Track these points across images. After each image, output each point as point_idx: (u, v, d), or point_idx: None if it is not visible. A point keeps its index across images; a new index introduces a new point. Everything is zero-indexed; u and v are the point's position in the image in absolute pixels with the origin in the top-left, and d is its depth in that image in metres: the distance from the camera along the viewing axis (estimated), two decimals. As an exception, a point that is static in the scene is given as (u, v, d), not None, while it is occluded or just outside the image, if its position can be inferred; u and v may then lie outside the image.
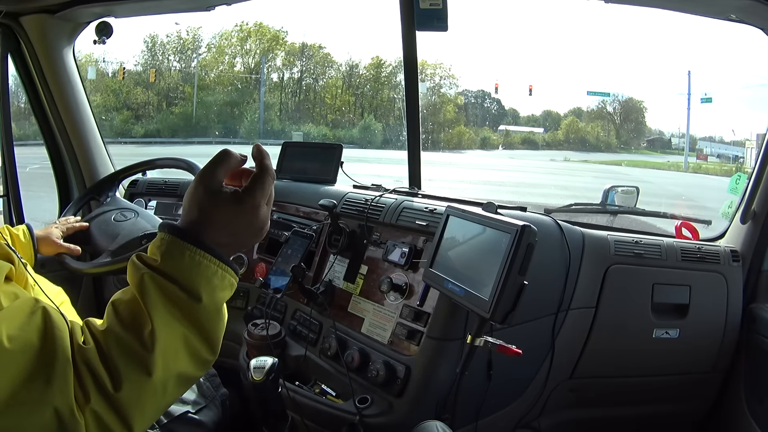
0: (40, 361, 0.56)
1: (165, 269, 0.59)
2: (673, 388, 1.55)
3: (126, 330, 0.59)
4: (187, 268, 0.59)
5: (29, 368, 0.55)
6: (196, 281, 0.59)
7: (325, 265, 1.52)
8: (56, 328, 0.58)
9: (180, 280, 0.59)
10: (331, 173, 1.81)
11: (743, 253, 1.54)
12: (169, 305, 0.59)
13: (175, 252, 0.59)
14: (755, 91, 13.09)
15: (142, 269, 0.60)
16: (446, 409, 1.12)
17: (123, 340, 0.58)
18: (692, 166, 14.62)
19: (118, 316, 0.60)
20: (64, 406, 0.56)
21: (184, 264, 0.59)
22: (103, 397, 0.57)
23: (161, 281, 0.59)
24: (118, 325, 0.59)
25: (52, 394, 0.55)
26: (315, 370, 1.37)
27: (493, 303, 0.98)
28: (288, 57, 17.63)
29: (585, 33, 28.86)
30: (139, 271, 0.60)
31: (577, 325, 1.41)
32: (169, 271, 0.59)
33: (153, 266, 0.60)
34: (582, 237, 1.44)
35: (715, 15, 1.47)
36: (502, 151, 17.25)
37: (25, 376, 0.55)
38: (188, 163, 1.73)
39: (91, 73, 13.40)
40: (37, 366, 0.56)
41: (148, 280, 0.59)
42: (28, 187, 1.93)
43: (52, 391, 0.55)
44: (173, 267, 0.59)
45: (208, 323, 0.61)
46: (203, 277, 0.60)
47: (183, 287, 0.59)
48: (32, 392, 0.55)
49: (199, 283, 0.60)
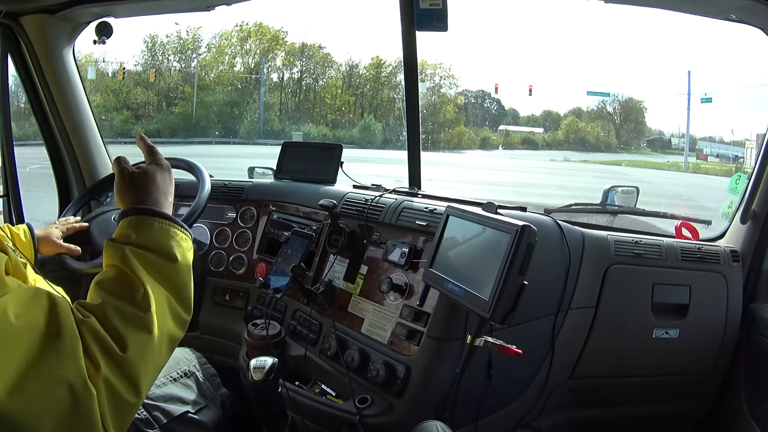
0: (48, 339, 0.60)
1: (141, 242, 0.70)
2: (673, 388, 1.55)
3: (120, 299, 0.67)
4: (158, 236, 0.71)
5: (39, 346, 0.59)
6: (169, 245, 0.71)
7: (325, 265, 1.52)
8: (60, 307, 0.63)
9: (156, 247, 0.70)
10: (331, 173, 1.81)
11: (743, 253, 1.54)
12: (152, 270, 0.69)
13: (145, 226, 0.71)
14: (755, 91, 13.11)
15: (121, 247, 0.70)
16: (446, 409, 1.12)
17: (120, 308, 0.66)
18: (692, 166, 14.63)
19: (108, 290, 0.68)
20: (77, 378, 0.60)
21: (155, 233, 0.71)
22: (113, 361, 0.63)
23: (141, 252, 0.69)
24: (112, 297, 0.67)
25: (64, 368, 0.60)
26: (315, 370, 1.37)
27: (493, 303, 0.98)
28: (288, 57, 17.65)
29: (585, 33, 28.88)
30: (119, 248, 0.70)
31: (577, 325, 1.41)
32: (145, 242, 0.70)
33: (130, 242, 0.70)
34: (582, 237, 1.44)
35: (715, 15, 1.47)
36: (502, 151, 17.26)
37: (36, 353, 0.59)
38: (188, 163, 1.72)
39: (91, 73, 13.41)
40: (46, 343, 0.60)
41: (130, 252, 0.69)
42: (28, 187, 1.93)
43: (64, 365, 0.60)
44: (148, 238, 0.70)
45: (183, 282, 0.71)
46: (174, 241, 0.72)
47: (160, 252, 0.70)
48: (44, 368, 0.59)
49: (172, 246, 0.71)
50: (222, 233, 1.84)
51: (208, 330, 1.78)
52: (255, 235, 1.79)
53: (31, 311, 0.61)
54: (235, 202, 1.85)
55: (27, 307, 0.61)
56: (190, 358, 1.37)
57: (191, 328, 1.79)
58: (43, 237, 1.45)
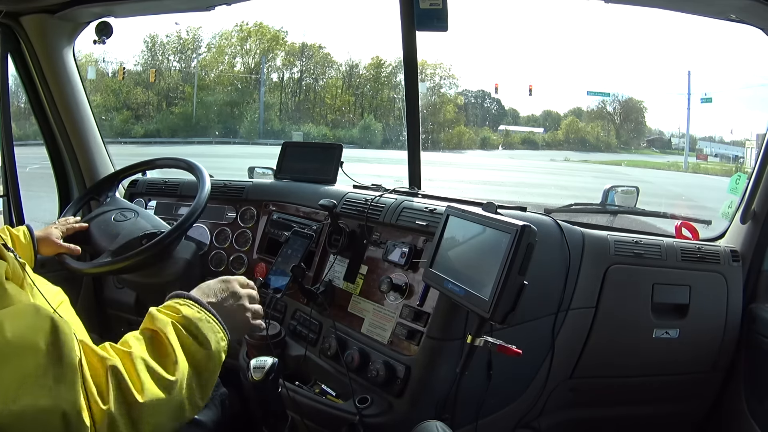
0: (48, 363, 0.61)
1: (186, 322, 0.77)
2: (673, 388, 1.55)
3: (152, 356, 0.72)
4: (202, 324, 0.78)
5: (37, 368, 0.60)
6: (208, 335, 0.78)
7: (325, 265, 1.52)
8: (63, 333, 0.64)
9: (197, 333, 0.77)
10: (331, 173, 1.81)
11: (743, 253, 1.54)
12: (186, 350, 0.75)
13: (194, 312, 0.79)
14: (755, 91, 13.10)
15: (167, 318, 0.77)
16: (446, 409, 1.12)
17: (149, 363, 0.71)
18: (692, 166, 14.63)
19: (143, 345, 0.74)
20: (71, 407, 0.61)
21: (200, 321, 0.78)
22: (125, 402, 0.67)
23: (183, 330, 0.76)
24: (145, 352, 0.73)
25: (59, 396, 0.61)
26: (315, 370, 1.37)
27: (492, 303, 0.98)
28: (288, 57, 17.64)
29: (585, 33, 28.85)
30: (165, 319, 0.77)
31: (577, 325, 1.41)
32: (189, 325, 0.77)
33: (177, 318, 0.77)
34: (582, 237, 1.44)
35: (715, 15, 1.47)
36: (502, 151, 17.25)
37: (33, 374, 0.60)
38: (188, 163, 1.73)
39: (91, 73, 13.41)
40: (45, 367, 0.61)
41: (173, 326, 0.76)
42: (28, 187, 1.93)
43: (59, 393, 0.61)
44: (193, 322, 0.78)
45: (209, 371, 0.77)
46: (212, 334, 0.78)
47: (198, 338, 0.77)
48: (41, 389, 0.60)
49: (209, 337, 0.78)
50: (222, 233, 1.84)
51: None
52: (255, 235, 1.79)
53: (31, 332, 0.62)
54: (235, 202, 1.85)
55: (26, 327, 0.62)
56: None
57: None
58: (42, 237, 1.45)
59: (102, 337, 1.77)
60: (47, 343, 0.62)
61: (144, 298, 1.85)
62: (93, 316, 1.97)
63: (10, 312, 0.62)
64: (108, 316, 1.96)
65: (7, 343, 0.59)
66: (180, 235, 1.55)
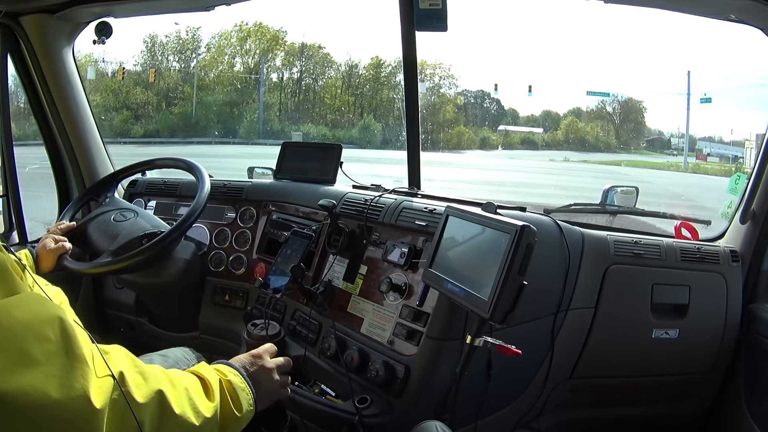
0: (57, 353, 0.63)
1: (229, 386, 0.87)
2: (672, 388, 1.55)
3: (196, 392, 0.81)
4: (240, 390, 0.88)
5: (46, 356, 0.62)
6: (243, 402, 0.87)
7: (325, 265, 1.52)
8: (71, 327, 0.67)
9: (234, 397, 0.86)
10: (331, 173, 1.81)
11: (743, 253, 1.54)
12: (221, 403, 0.84)
13: (239, 382, 0.89)
14: (755, 91, 13.12)
15: (218, 375, 0.87)
16: (446, 409, 1.12)
17: (191, 394, 0.79)
18: (692, 166, 14.64)
19: (193, 381, 0.83)
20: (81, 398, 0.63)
21: (241, 389, 0.88)
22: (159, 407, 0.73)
23: (225, 388, 0.86)
24: (191, 385, 0.81)
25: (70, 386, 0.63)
26: (314, 370, 1.37)
27: (492, 303, 0.98)
28: (287, 57, 17.64)
29: (585, 33, 28.86)
30: (216, 375, 0.87)
31: (576, 325, 1.41)
32: (231, 389, 0.87)
33: (224, 378, 0.88)
34: (581, 237, 1.44)
35: (715, 15, 1.47)
36: (501, 151, 17.26)
37: (42, 361, 0.61)
38: (187, 163, 1.73)
39: (90, 73, 13.40)
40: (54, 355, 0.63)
41: (220, 382, 0.86)
42: (27, 187, 1.93)
43: (70, 383, 0.63)
44: (234, 387, 0.88)
45: (232, 429, 0.85)
46: (246, 403, 0.88)
47: (235, 400, 0.86)
48: (50, 379, 0.61)
49: (243, 404, 0.87)
50: (221, 233, 1.84)
51: (207, 330, 1.78)
52: (254, 235, 1.79)
53: (39, 321, 0.62)
54: (235, 202, 1.85)
55: (34, 316, 0.62)
56: (190, 358, 1.37)
57: (191, 328, 1.80)
58: (39, 254, 1.46)
59: (102, 337, 1.78)
60: (56, 333, 0.63)
61: (144, 298, 1.85)
62: (93, 317, 1.96)
63: (17, 299, 0.62)
64: (108, 317, 1.96)
65: (14, 326, 0.59)
66: (180, 235, 1.55)
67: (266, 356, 0.99)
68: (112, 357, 0.72)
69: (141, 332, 1.88)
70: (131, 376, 0.71)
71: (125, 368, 0.71)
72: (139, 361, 0.76)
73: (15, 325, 0.60)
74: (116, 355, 0.73)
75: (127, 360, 0.74)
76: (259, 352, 1.00)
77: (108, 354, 0.72)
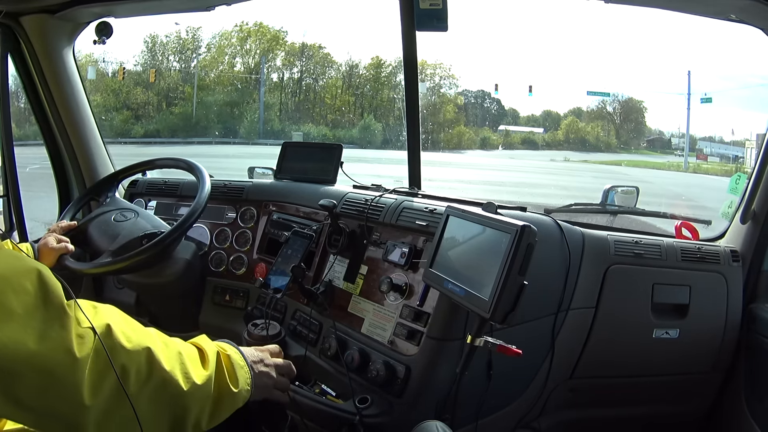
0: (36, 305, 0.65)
1: (227, 360, 0.87)
2: (673, 388, 1.55)
3: (191, 358, 0.81)
4: (238, 367, 0.88)
5: (25, 307, 0.63)
6: (240, 377, 0.87)
7: (325, 265, 1.52)
8: (49, 278, 0.68)
9: (231, 370, 0.86)
10: (331, 173, 1.81)
11: (743, 253, 1.54)
12: (219, 376, 0.83)
13: (238, 359, 0.89)
14: (755, 91, 13.11)
15: (215, 348, 0.87)
16: (446, 409, 1.12)
17: (184, 359, 0.79)
18: (692, 166, 14.63)
19: (189, 347, 0.82)
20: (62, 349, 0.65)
21: (239, 365, 0.88)
22: (147, 360, 0.73)
23: (221, 363, 0.86)
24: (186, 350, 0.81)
25: (50, 337, 0.64)
26: (315, 370, 1.37)
27: (493, 303, 0.98)
28: (288, 57, 17.63)
29: (585, 33, 28.84)
30: (213, 346, 0.87)
31: (577, 325, 1.41)
32: (228, 363, 0.86)
33: (222, 353, 0.87)
34: (582, 237, 1.44)
35: (715, 15, 1.47)
36: (501, 151, 17.25)
37: (20, 314, 0.62)
38: (188, 163, 1.73)
39: (91, 74, 13.39)
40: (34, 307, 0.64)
41: (216, 356, 0.85)
42: (28, 187, 1.93)
43: (50, 334, 0.64)
44: (232, 362, 0.87)
45: (227, 404, 0.84)
46: (243, 380, 0.87)
47: (231, 375, 0.86)
48: (29, 331, 0.62)
49: (239, 379, 0.87)
50: (222, 233, 1.84)
51: (207, 330, 1.77)
52: (255, 235, 1.79)
53: (16, 273, 0.63)
54: (235, 202, 1.85)
55: (11, 268, 0.63)
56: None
57: (191, 328, 1.80)
58: (41, 251, 1.47)
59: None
60: (34, 285, 0.63)
61: (144, 298, 1.85)
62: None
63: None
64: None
65: None
66: (180, 235, 1.55)
67: (267, 353, 1.00)
68: (100, 311, 0.72)
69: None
70: (120, 328, 0.71)
71: (113, 321, 0.71)
72: (134, 321, 0.75)
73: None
74: (106, 310, 0.73)
75: (117, 316, 0.74)
76: (262, 348, 1.01)
77: (96, 308, 0.72)
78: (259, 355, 0.97)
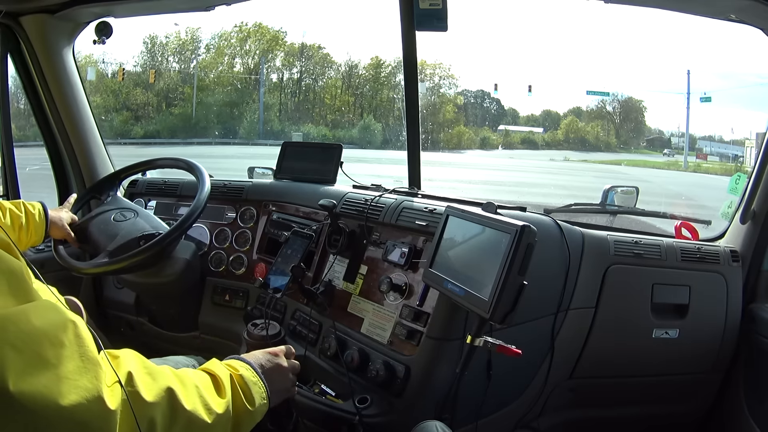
0: (71, 356, 0.64)
1: (241, 381, 0.87)
2: (673, 388, 1.55)
3: (207, 390, 0.81)
4: (252, 384, 0.88)
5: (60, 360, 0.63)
6: (255, 396, 0.87)
7: (325, 265, 1.52)
8: (83, 330, 0.67)
9: (246, 391, 0.87)
10: (331, 173, 1.81)
11: (743, 253, 1.54)
12: (236, 400, 0.84)
13: (251, 376, 0.89)
14: (755, 90, 13.11)
15: (229, 370, 0.88)
16: (446, 409, 1.12)
17: (203, 392, 0.79)
18: (692, 165, 14.62)
19: (204, 379, 0.83)
20: (93, 397, 0.64)
21: (254, 383, 0.88)
22: (170, 404, 0.73)
23: (236, 383, 0.86)
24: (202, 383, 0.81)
25: (83, 386, 0.64)
26: (315, 370, 1.37)
27: (492, 303, 0.98)
28: (287, 57, 17.62)
29: (585, 33, 28.84)
30: (227, 371, 0.88)
31: (576, 325, 1.41)
32: (242, 384, 0.87)
33: (235, 373, 0.88)
34: (582, 237, 1.44)
35: (715, 15, 1.47)
36: (501, 151, 17.24)
37: (55, 365, 0.62)
38: (188, 163, 1.73)
39: (90, 74, 13.37)
40: (68, 359, 0.64)
41: (230, 380, 0.86)
42: (28, 187, 1.93)
43: (83, 383, 0.64)
44: (246, 382, 0.88)
45: (245, 423, 0.85)
46: (259, 397, 0.88)
47: (247, 394, 0.86)
48: (66, 383, 0.62)
49: (255, 398, 0.87)
50: (222, 233, 1.84)
51: (207, 330, 1.78)
52: (255, 235, 1.79)
53: (54, 327, 0.63)
54: (235, 202, 1.85)
55: (50, 322, 0.63)
56: (189, 364, 1.37)
57: (191, 328, 1.80)
58: (54, 219, 1.50)
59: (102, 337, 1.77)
60: (70, 338, 0.64)
61: (144, 298, 1.85)
62: (93, 317, 1.96)
63: (35, 306, 0.63)
64: (108, 317, 1.96)
65: (32, 331, 0.61)
66: (179, 235, 1.55)
67: (282, 356, 1.00)
68: (122, 360, 0.73)
69: (141, 332, 1.88)
70: (140, 376, 0.72)
71: (134, 369, 0.72)
72: (149, 362, 0.76)
73: (33, 330, 0.61)
74: (126, 357, 0.74)
75: (136, 361, 0.74)
76: (276, 351, 1.01)
77: (117, 358, 0.73)
78: (274, 359, 0.98)
